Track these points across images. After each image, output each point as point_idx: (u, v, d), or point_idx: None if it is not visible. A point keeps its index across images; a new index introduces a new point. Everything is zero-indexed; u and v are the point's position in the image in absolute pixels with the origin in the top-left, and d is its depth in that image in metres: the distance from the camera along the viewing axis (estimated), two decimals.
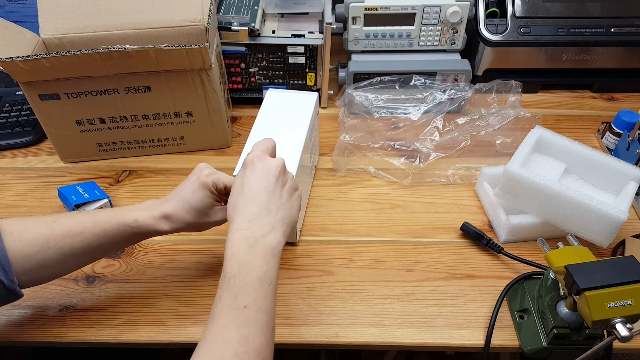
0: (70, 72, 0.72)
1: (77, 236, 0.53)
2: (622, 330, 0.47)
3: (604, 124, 0.89)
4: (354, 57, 0.95)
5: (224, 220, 0.57)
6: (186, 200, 0.56)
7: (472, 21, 0.94)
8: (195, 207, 0.56)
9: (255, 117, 0.72)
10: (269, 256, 0.49)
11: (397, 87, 0.87)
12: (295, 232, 0.69)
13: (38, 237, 0.52)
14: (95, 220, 0.54)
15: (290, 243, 0.72)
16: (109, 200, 0.75)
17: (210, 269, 0.69)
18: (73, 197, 0.73)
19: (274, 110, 0.73)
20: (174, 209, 0.56)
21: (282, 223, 0.52)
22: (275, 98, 0.75)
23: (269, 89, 0.78)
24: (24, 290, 0.52)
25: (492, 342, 0.60)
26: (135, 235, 0.56)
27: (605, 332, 0.55)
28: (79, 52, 0.68)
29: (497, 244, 0.70)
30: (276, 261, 0.49)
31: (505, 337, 0.61)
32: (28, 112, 0.92)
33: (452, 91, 0.86)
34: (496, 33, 0.93)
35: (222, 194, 0.59)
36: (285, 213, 0.53)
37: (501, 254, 0.70)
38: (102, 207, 0.74)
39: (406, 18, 0.91)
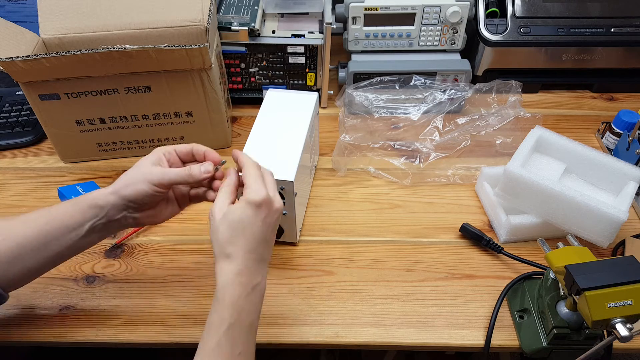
0: (70, 72, 0.72)
1: (30, 222, 0.53)
2: (622, 330, 0.47)
3: (604, 124, 0.89)
4: (354, 57, 0.95)
5: (160, 175, 0.54)
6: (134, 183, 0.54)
7: (472, 21, 0.94)
8: (135, 166, 0.55)
9: (255, 117, 0.72)
10: (260, 301, 0.51)
11: (397, 87, 0.87)
12: (295, 232, 0.69)
13: None
14: (48, 207, 0.54)
15: (290, 243, 0.72)
16: None
17: (210, 269, 0.69)
18: (73, 197, 0.73)
19: (274, 110, 0.73)
20: (122, 180, 0.55)
21: (267, 266, 0.53)
22: (275, 98, 0.75)
23: (269, 89, 0.78)
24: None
25: (492, 342, 0.60)
26: (82, 211, 0.54)
27: (605, 332, 0.55)
28: (79, 52, 0.68)
29: (497, 244, 0.70)
30: (262, 304, 0.52)
31: (505, 337, 0.61)
32: (28, 112, 0.92)
33: (452, 91, 0.86)
34: (496, 33, 0.93)
35: (173, 156, 0.57)
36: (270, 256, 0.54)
37: (501, 254, 0.70)
38: None
39: (406, 18, 0.91)
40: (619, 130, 0.84)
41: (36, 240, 0.53)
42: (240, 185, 0.54)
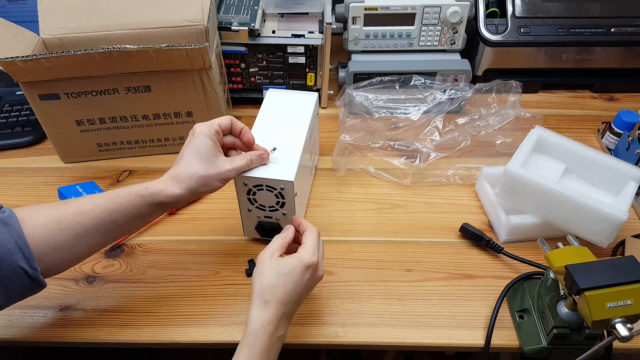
0: (70, 72, 0.72)
1: (88, 214, 0.53)
2: (622, 330, 0.47)
3: (604, 124, 0.89)
4: (354, 57, 0.95)
5: (234, 172, 0.59)
6: (189, 155, 0.57)
7: (472, 21, 0.94)
8: (200, 156, 0.56)
9: (255, 117, 0.72)
10: (278, 351, 0.54)
11: (397, 87, 0.87)
12: None
13: (49, 220, 0.52)
14: (106, 197, 0.55)
15: None
16: None
17: (210, 269, 0.69)
18: (73, 197, 0.73)
19: (274, 110, 0.73)
20: (179, 167, 0.56)
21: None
22: (275, 98, 0.75)
23: (269, 89, 0.78)
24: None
25: (492, 342, 0.60)
26: (149, 205, 0.55)
27: (605, 332, 0.55)
28: (79, 52, 0.68)
29: (497, 244, 0.70)
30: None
31: (505, 337, 0.61)
32: (28, 112, 0.92)
33: (452, 91, 0.86)
34: (496, 33, 0.93)
35: (220, 136, 0.60)
36: None
37: (501, 254, 0.70)
38: None
39: (406, 18, 0.91)
40: (619, 130, 0.84)
41: (95, 230, 0.54)
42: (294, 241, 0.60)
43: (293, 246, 0.59)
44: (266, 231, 0.69)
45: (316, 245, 0.57)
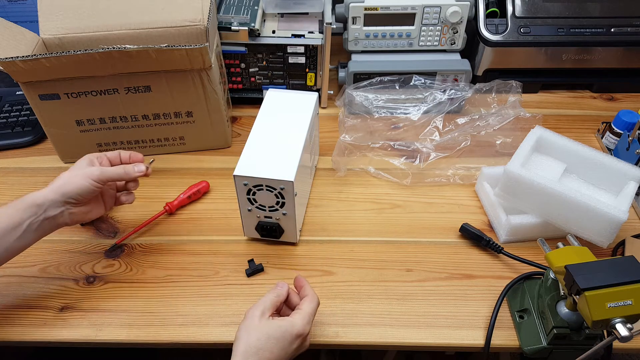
0: (70, 72, 0.72)
1: None
2: (622, 330, 0.47)
3: (604, 124, 0.89)
4: (354, 57, 0.95)
5: (97, 171, 0.62)
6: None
7: (472, 21, 0.94)
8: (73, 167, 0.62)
9: (255, 117, 0.72)
10: None
11: (397, 87, 0.87)
12: (295, 232, 0.69)
13: None
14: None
15: (290, 243, 0.72)
16: None
17: (210, 269, 0.69)
18: None
19: (274, 110, 0.73)
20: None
21: None
22: (275, 98, 0.75)
23: (269, 89, 0.78)
24: None
25: (492, 342, 0.60)
26: (22, 210, 0.57)
27: (605, 332, 0.55)
28: (79, 52, 0.68)
29: (497, 244, 0.70)
30: None
31: (505, 337, 0.61)
32: (28, 112, 0.92)
33: (452, 91, 0.86)
34: (496, 33, 0.93)
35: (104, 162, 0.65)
36: None
37: (501, 254, 0.70)
38: None
39: (406, 18, 0.91)
40: (619, 130, 0.84)
41: None
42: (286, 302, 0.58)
43: (282, 304, 0.57)
44: (266, 231, 0.69)
45: (312, 315, 0.55)
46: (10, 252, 0.58)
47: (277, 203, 0.65)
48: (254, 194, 0.64)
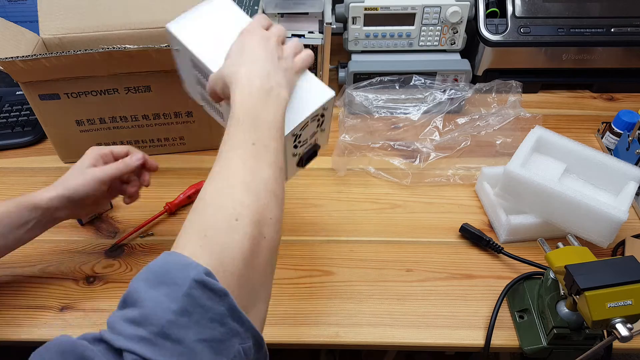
0: (70, 72, 0.72)
1: None
2: (622, 330, 0.47)
3: (604, 124, 0.89)
4: (354, 57, 0.95)
5: (100, 172, 0.61)
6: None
7: (472, 21, 0.94)
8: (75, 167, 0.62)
9: None
10: (278, 108, 0.49)
11: (397, 87, 0.87)
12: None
13: None
14: None
15: (289, 242, 0.72)
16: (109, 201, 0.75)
17: None
18: None
19: None
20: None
21: (285, 84, 0.51)
22: None
23: None
24: None
25: (492, 342, 0.60)
26: (25, 210, 0.58)
27: (605, 332, 0.55)
28: (79, 52, 0.68)
29: (497, 244, 0.70)
30: (283, 115, 0.50)
31: (505, 337, 0.61)
32: (28, 112, 0.92)
33: (452, 91, 0.86)
34: (496, 33, 0.93)
35: (107, 158, 0.64)
36: (285, 77, 0.52)
37: (501, 254, 0.70)
38: None
39: (406, 18, 0.91)
40: (619, 130, 0.84)
41: None
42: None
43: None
44: None
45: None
46: (18, 243, 0.59)
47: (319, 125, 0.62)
48: (299, 136, 0.60)
